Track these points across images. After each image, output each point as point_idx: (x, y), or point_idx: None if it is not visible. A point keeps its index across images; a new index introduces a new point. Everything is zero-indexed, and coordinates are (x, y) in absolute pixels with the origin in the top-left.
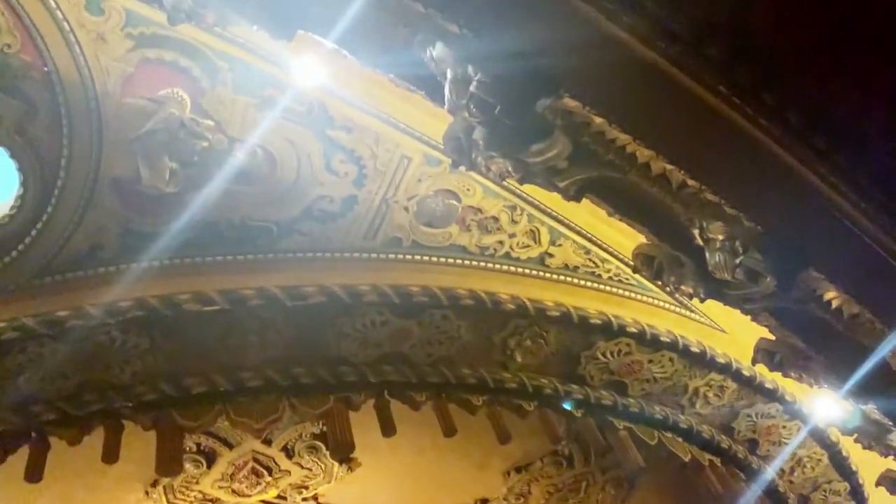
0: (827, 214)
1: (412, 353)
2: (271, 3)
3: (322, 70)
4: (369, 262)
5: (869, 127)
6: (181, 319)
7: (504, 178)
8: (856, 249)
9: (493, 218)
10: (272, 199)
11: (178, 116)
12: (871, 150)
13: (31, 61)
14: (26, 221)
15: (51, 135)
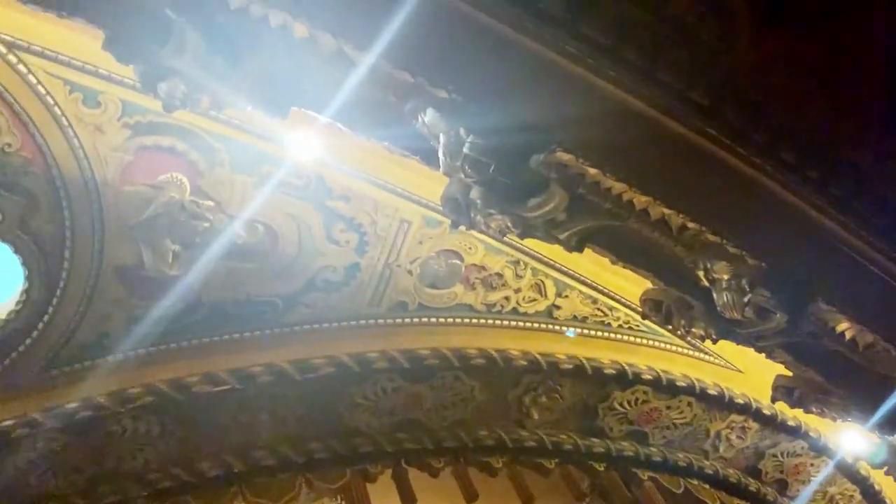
0: (829, 245)
1: (427, 419)
2: (266, 82)
3: (317, 143)
4: (377, 329)
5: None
6: (192, 402)
7: (505, 235)
8: (862, 278)
9: (497, 274)
10: (276, 273)
11: (178, 200)
12: (866, 177)
13: (31, 157)
14: (32, 315)
15: (53, 227)
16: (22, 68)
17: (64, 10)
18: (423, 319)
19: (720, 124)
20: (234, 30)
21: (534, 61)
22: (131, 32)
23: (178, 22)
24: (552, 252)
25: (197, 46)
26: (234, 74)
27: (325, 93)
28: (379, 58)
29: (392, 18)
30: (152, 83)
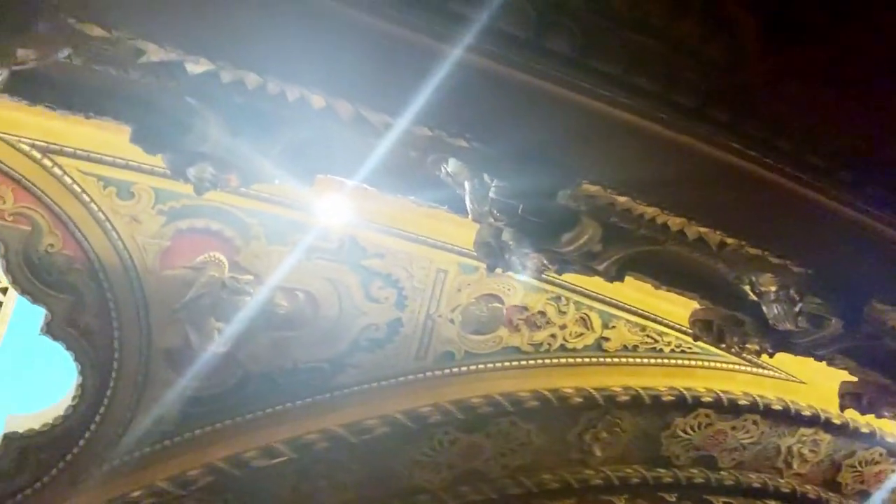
0: (873, 244)
1: (487, 468)
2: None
3: (346, 206)
4: (425, 382)
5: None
6: (251, 477)
7: (542, 273)
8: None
9: (539, 313)
10: (320, 338)
11: (218, 278)
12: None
13: (73, 255)
14: (89, 408)
15: (101, 321)
16: (57, 170)
17: (91, 111)
18: (472, 367)
19: (742, 137)
20: (253, 109)
21: (547, 100)
22: (155, 124)
23: (199, 108)
24: (593, 284)
25: (220, 129)
26: (258, 151)
27: (347, 157)
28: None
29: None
30: (181, 169)
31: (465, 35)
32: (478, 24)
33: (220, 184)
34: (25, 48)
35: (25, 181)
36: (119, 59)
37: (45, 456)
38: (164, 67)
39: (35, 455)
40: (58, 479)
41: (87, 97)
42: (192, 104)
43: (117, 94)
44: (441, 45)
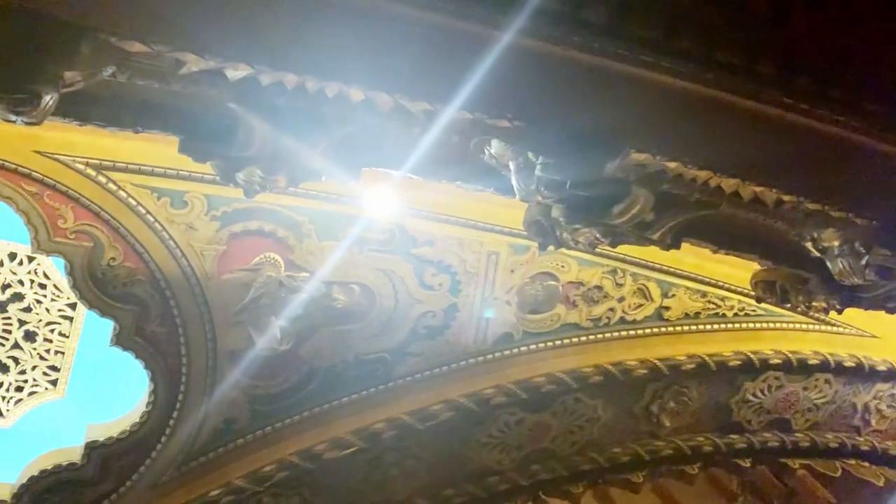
0: None
1: (556, 446)
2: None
3: (393, 196)
4: (486, 365)
5: None
6: (324, 470)
7: (595, 246)
8: None
9: (596, 287)
10: (379, 329)
11: (275, 278)
12: None
13: (134, 266)
14: (163, 414)
15: (166, 328)
16: (112, 186)
17: (138, 125)
18: (531, 347)
19: (793, 91)
20: (294, 109)
21: (588, 72)
22: (202, 132)
23: (242, 113)
24: (649, 253)
25: (264, 132)
26: (303, 150)
27: (391, 149)
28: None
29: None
30: (230, 174)
31: (505, 16)
32: (517, 3)
33: (269, 185)
34: (72, 70)
35: (83, 199)
36: (161, 72)
37: (125, 462)
38: (204, 76)
39: (116, 461)
40: (139, 483)
41: (134, 112)
42: (234, 110)
43: (162, 106)
44: (482, 28)
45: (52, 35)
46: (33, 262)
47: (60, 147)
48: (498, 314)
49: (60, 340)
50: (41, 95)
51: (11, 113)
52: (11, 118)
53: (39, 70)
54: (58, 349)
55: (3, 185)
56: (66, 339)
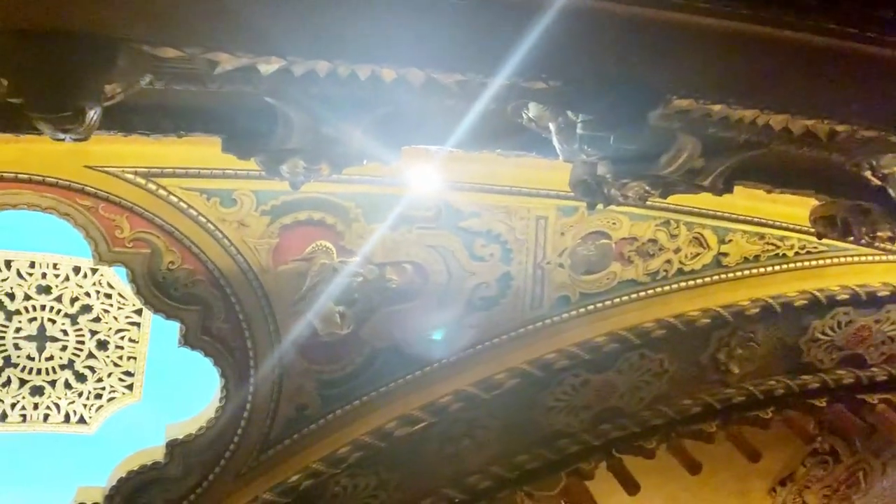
0: None
1: (624, 404)
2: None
3: (434, 171)
4: (546, 330)
5: None
6: (396, 447)
7: (646, 200)
8: None
9: (650, 241)
10: (434, 305)
11: (329, 264)
12: None
13: (193, 268)
14: (236, 408)
15: (231, 324)
16: (162, 192)
17: (180, 129)
18: (590, 307)
19: (837, 16)
20: (329, 95)
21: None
22: (242, 130)
23: (279, 106)
24: (701, 201)
25: (302, 122)
26: (342, 135)
27: (428, 124)
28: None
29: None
30: (274, 168)
31: None
32: None
33: (313, 174)
34: (111, 83)
35: (137, 207)
36: (196, 75)
37: (206, 456)
38: (238, 73)
39: (197, 457)
40: (222, 476)
41: (175, 117)
42: (271, 103)
43: (201, 108)
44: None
45: (89, 51)
46: (97, 274)
47: (109, 159)
48: (552, 277)
49: (131, 346)
50: (85, 111)
51: (59, 131)
52: (60, 136)
53: (81, 87)
54: (130, 355)
55: (60, 203)
56: (137, 344)
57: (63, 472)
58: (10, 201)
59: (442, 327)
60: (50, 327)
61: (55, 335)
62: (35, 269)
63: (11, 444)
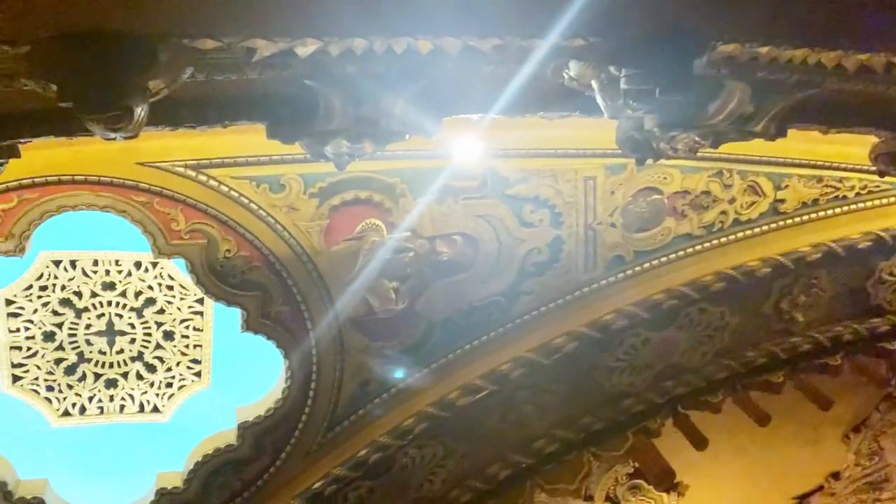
0: None
1: (686, 360)
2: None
3: (477, 140)
4: (601, 291)
5: None
6: (460, 416)
7: (696, 151)
8: None
9: (703, 193)
10: (487, 274)
11: (379, 242)
12: None
13: (249, 255)
14: (301, 388)
15: (290, 307)
16: (213, 182)
17: (225, 119)
18: (645, 266)
19: None
20: (367, 72)
21: None
22: (285, 115)
23: (319, 88)
24: (754, 148)
25: (342, 102)
26: (382, 111)
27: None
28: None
29: None
30: (319, 150)
31: None
32: None
33: (357, 153)
34: (155, 79)
35: (189, 200)
36: (235, 64)
37: (276, 436)
38: (276, 59)
39: (268, 437)
40: (293, 454)
41: (219, 108)
42: (311, 86)
43: (243, 97)
44: None
45: (131, 50)
46: (157, 267)
47: (159, 155)
48: (605, 238)
49: (196, 335)
50: (132, 109)
51: (109, 131)
52: (111, 136)
53: (126, 85)
54: (195, 343)
55: (116, 201)
56: (201, 332)
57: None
58: (69, 203)
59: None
60: (118, 322)
61: (123, 329)
62: (98, 267)
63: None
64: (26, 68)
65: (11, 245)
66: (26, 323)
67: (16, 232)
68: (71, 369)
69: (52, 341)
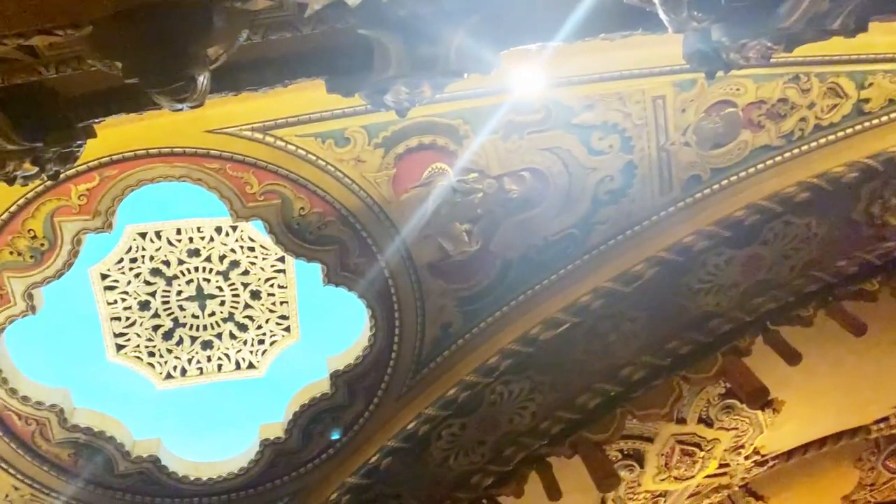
0: None
1: (773, 275)
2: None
3: (537, 71)
4: (679, 214)
5: None
6: (544, 350)
7: (769, 57)
8: None
9: (780, 101)
10: (559, 208)
11: (447, 185)
12: None
13: (322, 210)
14: (386, 335)
15: (366, 258)
16: (280, 143)
17: (284, 78)
18: (723, 182)
19: None
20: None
21: None
22: (342, 68)
23: (373, 35)
24: (832, 47)
25: (397, 48)
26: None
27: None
28: None
29: None
30: (379, 99)
31: None
32: None
33: (417, 98)
34: (213, 46)
35: (260, 162)
36: (289, 22)
37: (367, 382)
38: (328, 11)
39: (359, 384)
40: (385, 398)
41: (277, 68)
42: (365, 35)
43: (300, 54)
44: None
45: (187, 19)
46: (237, 231)
47: (225, 121)
48: (679, 158)
49: (281, 292)
50: (195, 78)
51: (176, 102)
52: (178, 106)
53: (186, 55)
54: (281, 300)
55: (190, 170)
56: (285, 289)
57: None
58: (146, 176)
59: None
60: (206, 286)
61: (212, 293)
62: (182, 235)
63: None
64: (91, 49)
65: (99, 222)
66: (122, 294)
67: (101, 209)
68: (168, 334)
69: (148, 310)
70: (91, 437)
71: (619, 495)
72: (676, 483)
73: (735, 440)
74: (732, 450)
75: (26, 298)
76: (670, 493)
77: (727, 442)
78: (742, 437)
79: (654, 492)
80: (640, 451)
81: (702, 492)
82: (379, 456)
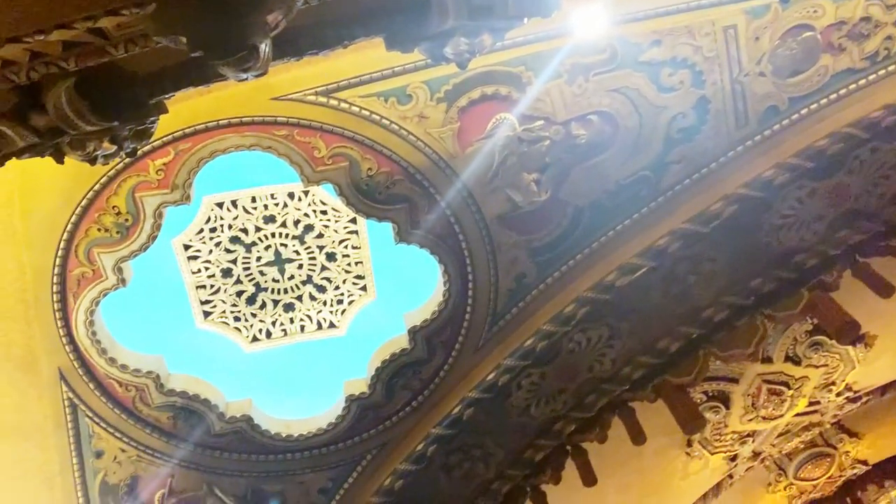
0: None
1: (861, 205)
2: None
3: (599, 10)
4: (757, 148)
5: None
6: (621, 296)
7: None
8: None
9: (862, 20)
10: (631, 150)
11: (513, 136)
12: None
13: (389, 170)
14: (460, 289)
15: (436, 214)
16: (344, 105)
17: (343, 39)
18: (803, 112)
19: None
20: None
21: None
22: (399, 24)
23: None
24: None
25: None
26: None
27: None
28: None
29: None
30: (438, 53)
31: None
32: None
33: (477, 48)
34: (272, 13)
35: (325, 125)
36: None
37: (445, 336)
38: None
39: (437, 338)
40: (462, 351)
41: (335, 29)
42: None
43: (356, 14)
44: None
45: None
46: (309, 195)
47: (289, 87)
48: (754, 89)
49: (356, 252)
50: (257, 46)
51: (241, 72)
52: (242, 76)
53: (247, 24)
54: (356, 260)
55: (260, 138)
56: (359, 249)
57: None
58: (219, 147)
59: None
60: (284, 251)
61: (290, 257)
62: (257, 203)
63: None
64: (156, 26)
65: (178, 195)
66: (205, 263)
67: (178, 182)
68: (251, 299)
69: (230, 276)
70: (187, 401)
71: (705, 437)
72: (764, 423)
73: (825, 377)
74: (823, 387)
75: (116, 272)
76: (758, 433)
77: (817, 379)
78: (832, 373)
79: (742, 432)
80: (725, 392)
81: (791, 430)
82: (461, 407)
